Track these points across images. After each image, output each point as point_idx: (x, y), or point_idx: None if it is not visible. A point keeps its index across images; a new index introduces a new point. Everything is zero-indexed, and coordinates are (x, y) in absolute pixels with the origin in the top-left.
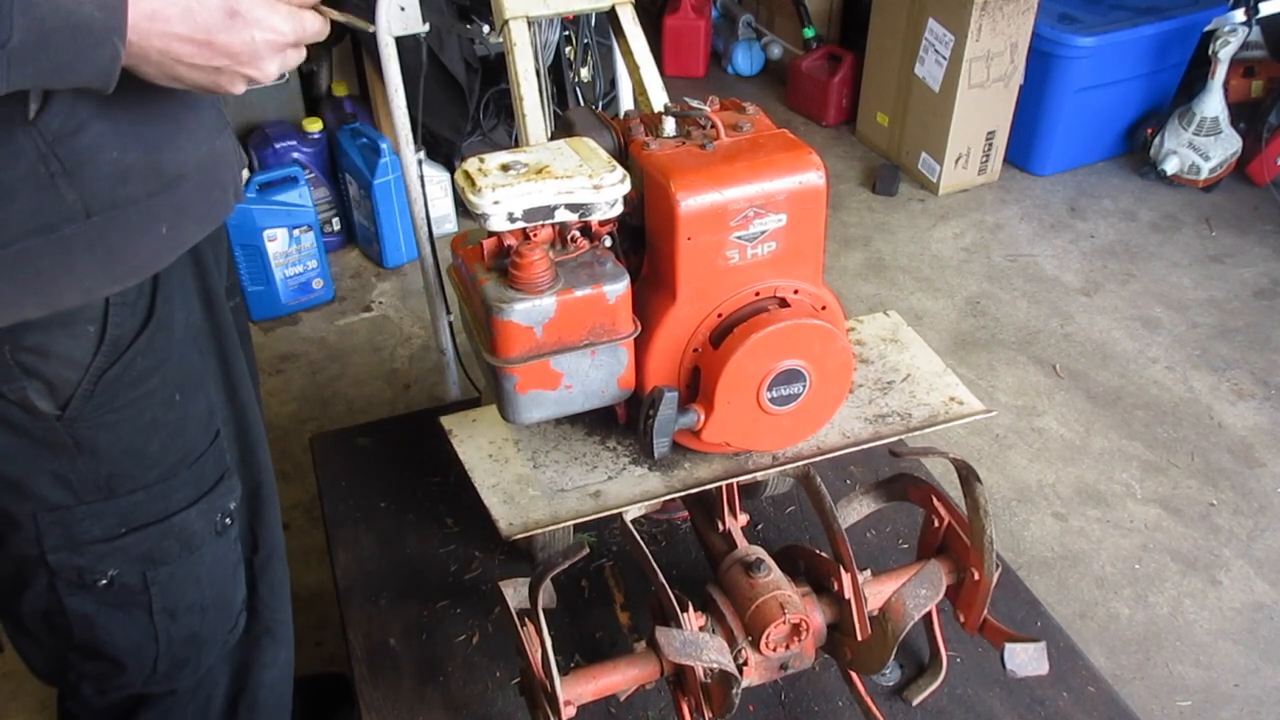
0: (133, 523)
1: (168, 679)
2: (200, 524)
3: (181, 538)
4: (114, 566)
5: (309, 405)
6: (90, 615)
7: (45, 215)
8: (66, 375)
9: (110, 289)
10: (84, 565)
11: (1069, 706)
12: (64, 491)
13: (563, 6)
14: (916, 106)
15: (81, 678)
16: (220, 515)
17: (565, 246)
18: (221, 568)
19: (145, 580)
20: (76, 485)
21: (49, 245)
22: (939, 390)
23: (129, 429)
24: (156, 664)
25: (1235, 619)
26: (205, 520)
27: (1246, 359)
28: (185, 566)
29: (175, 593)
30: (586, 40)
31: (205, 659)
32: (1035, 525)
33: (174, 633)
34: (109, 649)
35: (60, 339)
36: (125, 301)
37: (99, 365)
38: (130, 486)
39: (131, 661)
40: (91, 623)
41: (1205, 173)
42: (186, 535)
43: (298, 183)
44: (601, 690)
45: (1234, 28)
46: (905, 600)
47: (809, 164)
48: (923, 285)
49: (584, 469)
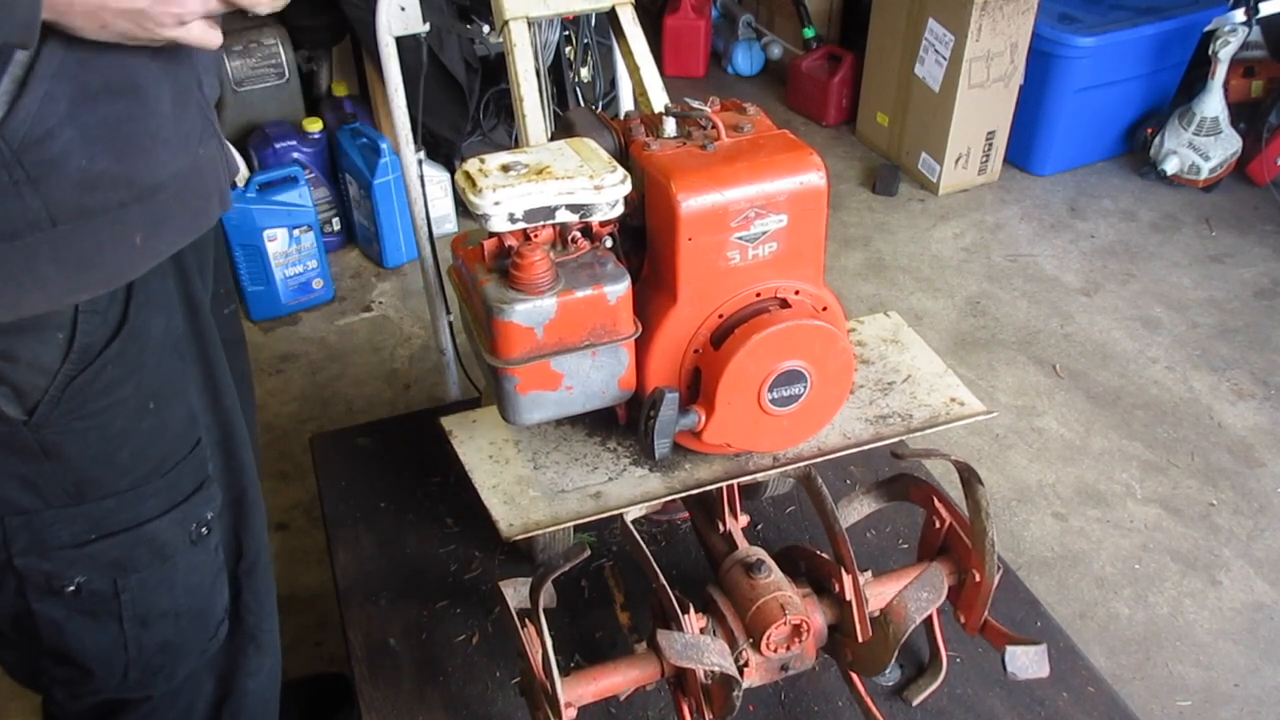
0: (102, 529)
1: (140, 686)
2: (173, 532)
3: (153, 546)
4: (82, 573)
5: (309, 405)
6: (59, 621)
7: (8, 222)
8: (34, 381)
9: (78, 297)
10: (52, 570)
11: (1069, 706)
12: (31, 496)
13: (563, 7)
14: (916, 106)
15: (53, 682)
16: (196, 524)
17: (566, 247)
18: (198, 576)
19: (116, 587)
20: (44, 490)
21: (12, 252)
22: (940, 391)
23: (98, 436)
24: (127, 671)
25: (1235, 619)
26: (179, 529)
27: (1246, 359)
28: (158, 574)
29: (147, 601)
30: (586, 40)
31: (180, 667)
32: (1035, 525)
33: (145, 641)
34: (78, 655)
35: (28, 344)
36: (96, 309)
37: (67, 372)
38: (100, 493)
39: (101, 668)
40: (60, 628)
41: (1205, 173)
42: (159, 543)
43: (298, 183)
44: (602, 691)
45: (1234, 28)
46: (907, 603)
47: (810, 164)
48: (923, 285)
49: (585, 470)
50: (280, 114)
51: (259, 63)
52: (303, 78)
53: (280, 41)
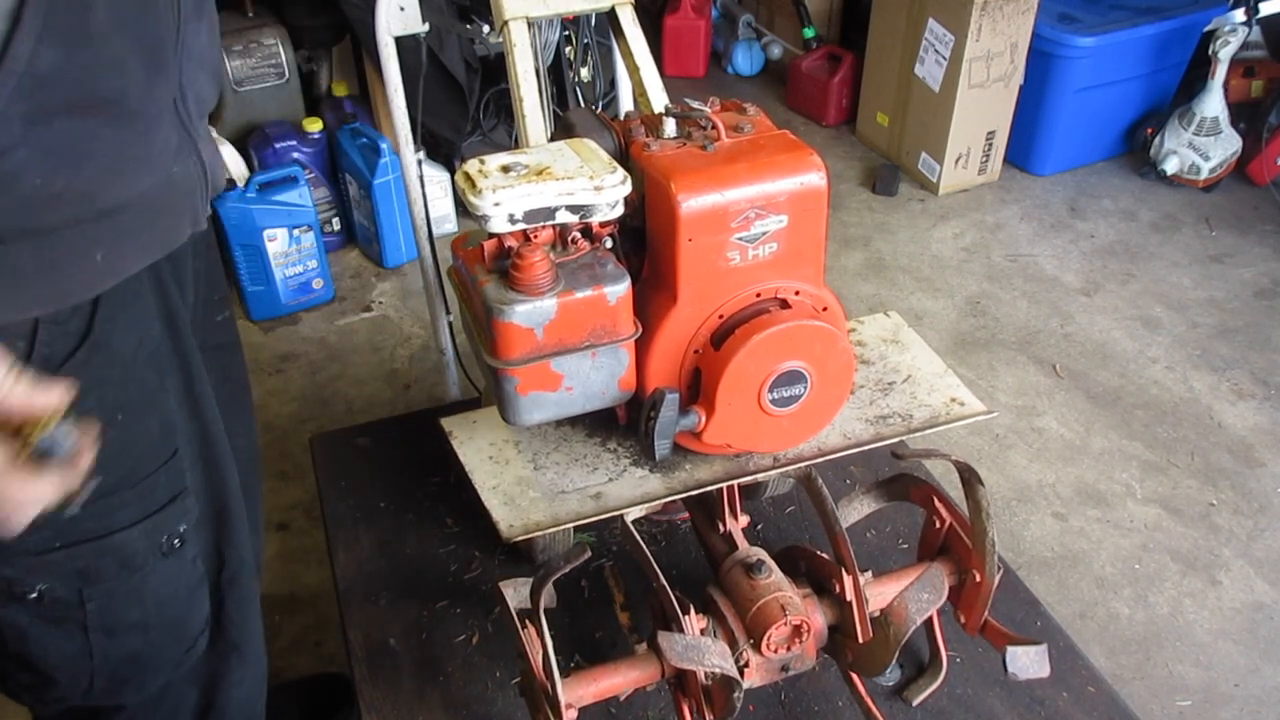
0: (67, 538)
1: (106, 695)
2: (143, 544)
3: (120, 556)
4: (44, 580)
5: (309, 405)
6: (23, 627)
7: None
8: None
9: (33, 312)
10: (13, 576)
11: (1069, 706)
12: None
13: (563, 7)
14: (916, 106)
15: (18, 688)
16: (168, 536)
17: (566, 248)
18: (170, 588)
19: (81, 596)
20: None
21: None
22: (940, 391)
23: None
24: (93, 681)
25: (1235, 619)
26: (149, 540)
27: (1246, 359)
28: (125, 585)
29: (114, 611)
30: (586, 40)
31: (151, 679)
32: (1035, 525)
33: (111, 651)
34: (40, 662)
35: None
36: (57, 320)
37: None
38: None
39: (64, 677)
40: (23, 634)
41: (1205, 173)
42: (126, 554)
43: (298, 183)
44: (603, 692)
45: (1234, 28)
46: (908, 604)
47: (810, 165)
48: (923, 285)
49: (585, 470)
50: (280, 114)
51: (259, 63)
52: (303, 78)
53: (280, 41)
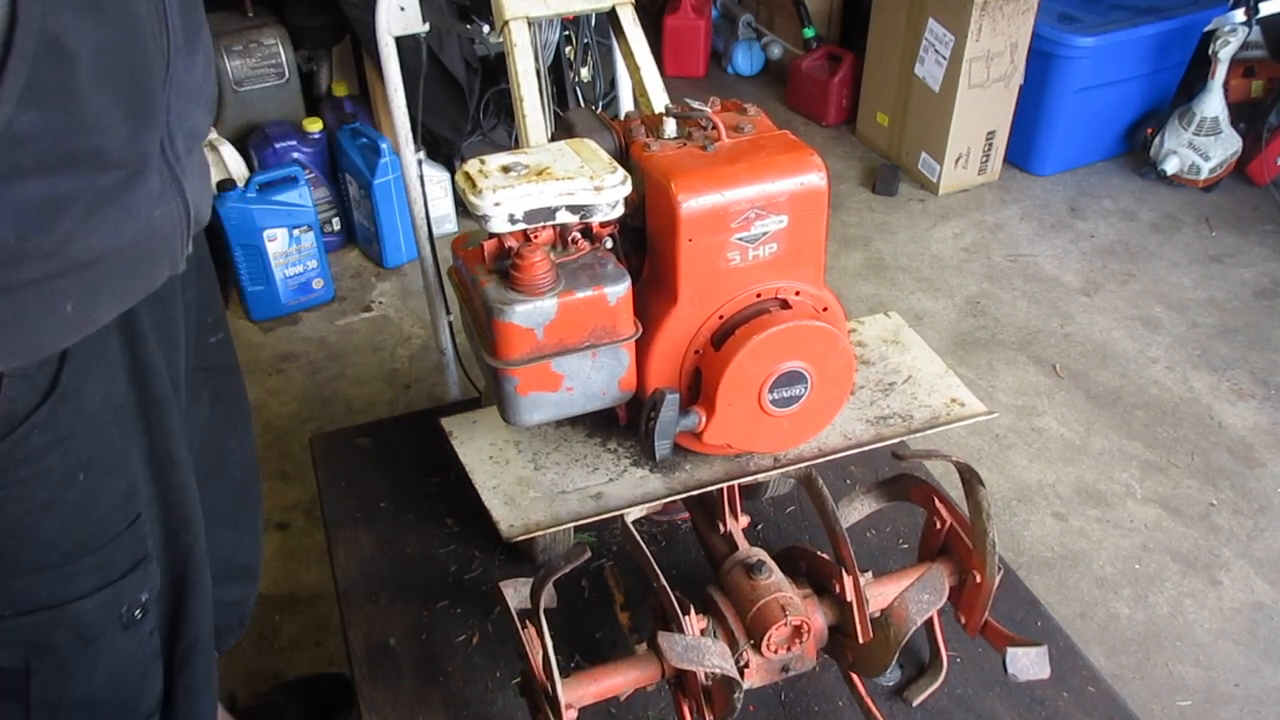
0: (20, 606)
1: None
2: (102, 614)
3: (76, 627)
4: None
5: (309, 405)
6: None
7: None
8: None
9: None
10: None
11: (1069, 706)
12: None
13: (563, 7)
14: (916, 106)
15: None
16: (129, 606)
17: (566, 248)
18: (123, 664)
19: (27, 667)
20: None
21: None
22: (940, 391)
23: (18, 508)
24: None
25: (1235, 619)
26: (108, 610)
27: (1246, 359)
28: (79, 659)
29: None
30: (586, 40)
31: None
32: (1035, 525)
33: None
34: None
35: None
36: (24, 374)
37: None
38: (16, 569)
39: None
40: None
41: (1205, 173)
42: (83, 625)
43: (298, 183)
44: (603, 692)
45: (1234, 28)
46: (908, 604)
47: (810, 165)
48: (923, 285)
49: (585, 471)
50: (280, 114)
51: (259, 63)
52: (303, 78)
53: (280, 41)
